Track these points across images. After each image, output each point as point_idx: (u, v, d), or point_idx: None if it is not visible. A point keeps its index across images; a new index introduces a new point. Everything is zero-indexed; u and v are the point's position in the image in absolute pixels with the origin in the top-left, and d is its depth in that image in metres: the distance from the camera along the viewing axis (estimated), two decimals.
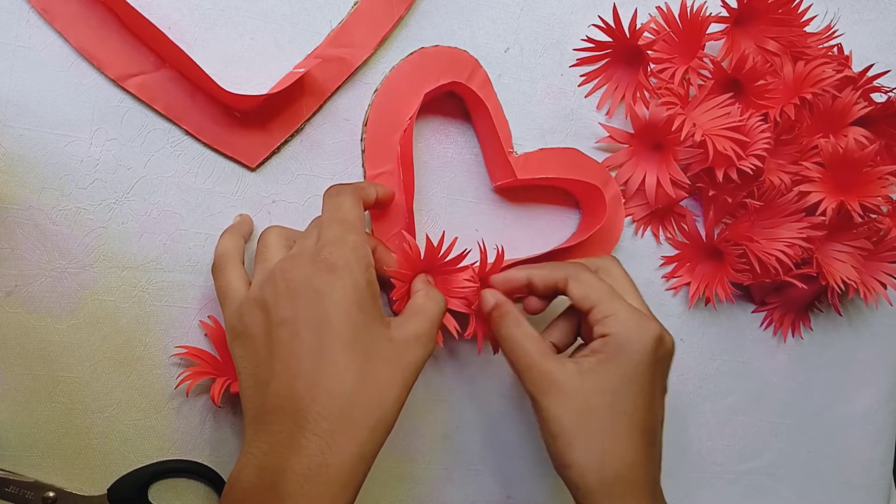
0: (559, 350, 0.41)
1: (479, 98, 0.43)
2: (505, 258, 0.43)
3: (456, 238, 0.42)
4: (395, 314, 0.40)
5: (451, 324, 0.42)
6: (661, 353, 0.38)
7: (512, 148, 0.45)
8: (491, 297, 0.41)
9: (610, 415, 0.37)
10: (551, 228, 0.47)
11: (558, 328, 0.42)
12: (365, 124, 0.43)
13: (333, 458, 0.31)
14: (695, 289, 0.49)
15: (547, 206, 0.47)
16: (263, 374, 0.33)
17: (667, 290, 0.49)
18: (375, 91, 0.43)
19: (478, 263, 0.42)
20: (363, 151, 0.43)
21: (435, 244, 0.40)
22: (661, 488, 0.38)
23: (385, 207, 0.42)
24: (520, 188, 0.46)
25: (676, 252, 0.49)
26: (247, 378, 0.34)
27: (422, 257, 0.40)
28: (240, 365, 0.35)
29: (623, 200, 0.47)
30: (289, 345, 0.33)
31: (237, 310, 0.35)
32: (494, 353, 0.44)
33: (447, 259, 0.41)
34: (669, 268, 0.49)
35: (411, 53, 0.43)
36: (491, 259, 0.42)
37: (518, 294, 0.42)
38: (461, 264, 0.41)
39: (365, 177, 0.43)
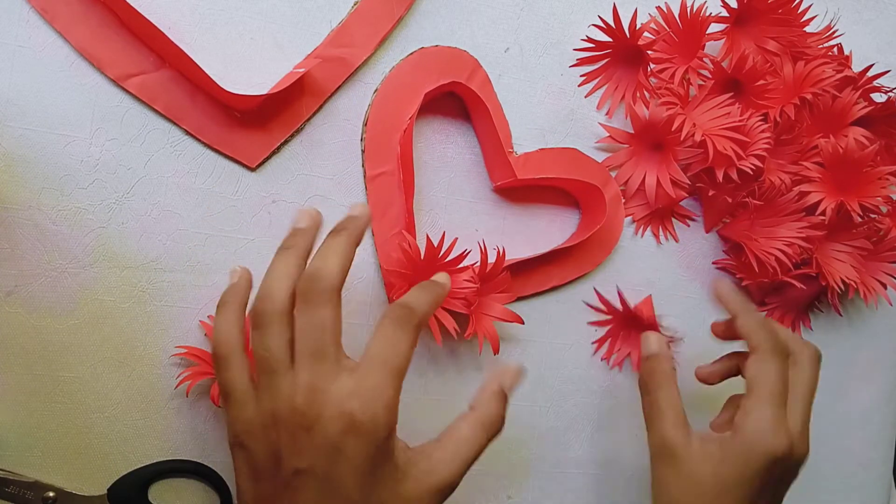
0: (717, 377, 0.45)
1: (479, 98, 0.43)
2: (506, 258, 0.43)
3: (456, 238, 0.42)
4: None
5: (451, 324, 0.42)
6: (781, 469, 0.39)
7: (512, 148, 0.45)
8: (654, 344, 0.43)
9: (712, 497, 0.39)
10: (551, 228, 0.47)
11: (723, 364, 0.45)
12: (365, 124, 0.43)
13: None
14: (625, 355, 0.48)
15: (547, 206, 0.47)
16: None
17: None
18: (375, 91, 0.43)
19: (478, 264, 0.42)
20: (363, 151, 0.43)
21: (435, 244, 0.40)
22: None
23: None
24: (520, 188, 0.46)
25: (606, 326, 0.48)
26: (244, 483, 0.34)
27: (422, 257, 0.40)
28: (238, 467, 0.34)
29: (623, 200, 0.47)
30: (297, 495, 0.32)
31: (243, 424, 0.33)
32: (496, 354, 0.44)
33: (447, 259, 0.41)
34: (671, 266, 0.49)
35: (411, 53, 0.43)
36: (491, 259, 0.42)
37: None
38: (461, 265, 0.41)
39: (365, 176, 0.43)
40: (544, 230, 0.47)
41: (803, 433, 0.40)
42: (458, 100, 0.45)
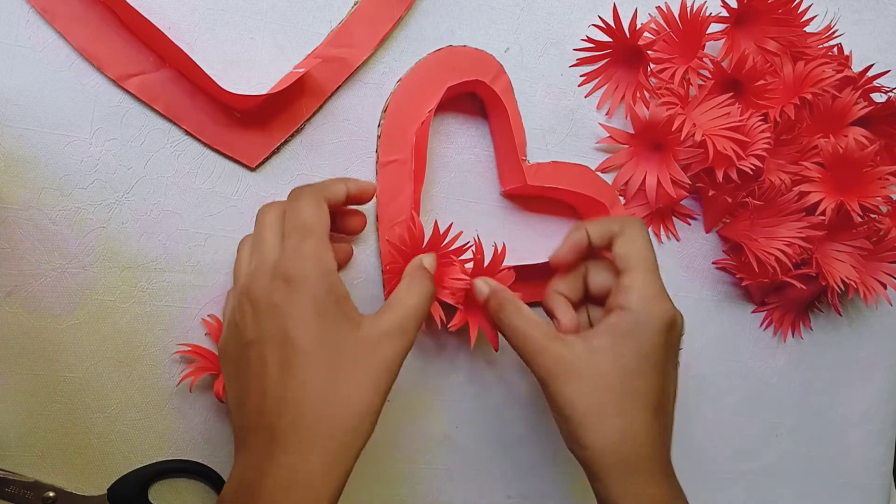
0: (570, 300, 0.41)
1: (500, 102, 0.43)
2: (505, 262, 0.42)
3: (461, 232, 0.42)
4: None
5: (438, 313, 0.41)
6: (674, 335, 0.38)
7: (525, 156, 0.45)
8: (484, 285, 0.41)
9: (623, 394, 0.37)
10: (552, 241, 0.47)
11: (567, 280, 0.41)
12: (384, 111, 0.43)
13: (303, 471, 0.31)
14: None
15: (551, 217, 0.47)
16: (241, 394, 0.34)
17: None
18: (399, 80, 0.43)
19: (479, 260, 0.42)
20: (379, 137, 0.43)
21: (441, 232, 0.40)
22: (671, 464, 0.38)
23: (363, 202, 0.40)
24: (526, 197, 0.46)
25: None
26: (230, 396, 0.36)
27: (425, 242, 0.40)
28: (226, 382, 0.36)
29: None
30: (257, 364, 0.33)
31: (223, 333, 0.37)
32: (496, 350, 0.44)
33: (450, 249, 0.40)
34: (672, 266, 0.49)
35: (439, 49, 0.44)
36: (488, 255, 0.41)
37: (581, 256, 0.41)
38: (462, 257, 0.41)
39: (377, 162, 0.43)
40: (545, 242, 0.47)
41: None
42: (474, 102, 0.45)
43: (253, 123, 0.41)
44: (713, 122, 0.45)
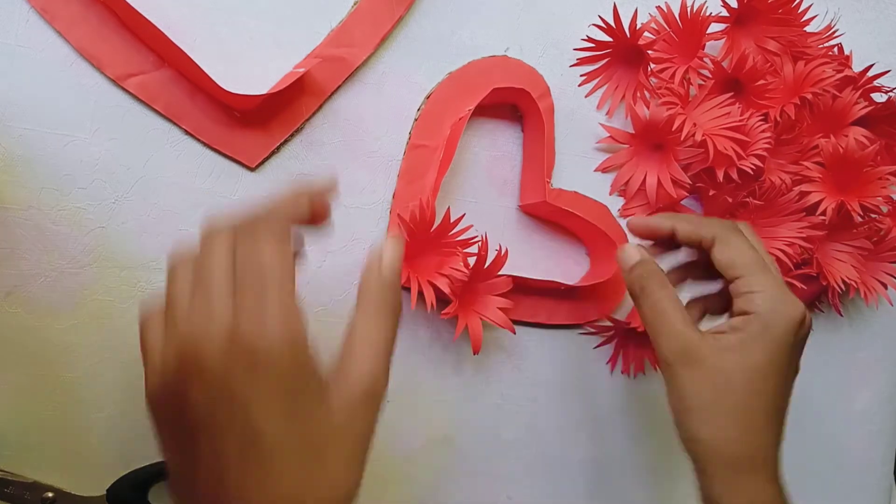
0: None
1: (540, 119, 0.44)
2: (505, 271, 0.42)
3: (472, 226, 0.42)
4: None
5: (430, 299, 0.40)
6: (802, 335, 0.37)
7: (550, 178, 0.45)
8: (636, 252, 0.39)
9: (748, 393, 0.36)
10: (554, 259, 0.47)
11: (705, 299, 0.41)
12: (427, 97, 0.43)
13: None
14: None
15: (555, 238, 0.47)
16: (185, 473, 0.28)
17: None
18: (449, 73, 0.44)
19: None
20: (416, 119, 0.43)
21: (452, 221, 0.40)
22: (781, 469, 0.38)
23: (322, 217, 0.31)
24: (540, 219, 0.46)
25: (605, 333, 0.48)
26: (169, 461, 0.29)
27: (434, 227, 0.40)
28: (159, 438, 0.29)
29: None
30: (210, 454, 0.27)
31: (149, 372, 0.28)
32: (475, 353, 0.44)
33: (456, 239, 0.40)
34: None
35: (494, 56, 0.45)
36: (492, 256, 0.41)
37: (652, 236, 0.41)
38: (466, 249, 0.41)
39: (407, 143, 0.43)
40: (546, 262, 0.47)
41: None
42: (515, 115, 0.45)
43: (253, 123, 0.41)
44: (713, 121, 0.45)
